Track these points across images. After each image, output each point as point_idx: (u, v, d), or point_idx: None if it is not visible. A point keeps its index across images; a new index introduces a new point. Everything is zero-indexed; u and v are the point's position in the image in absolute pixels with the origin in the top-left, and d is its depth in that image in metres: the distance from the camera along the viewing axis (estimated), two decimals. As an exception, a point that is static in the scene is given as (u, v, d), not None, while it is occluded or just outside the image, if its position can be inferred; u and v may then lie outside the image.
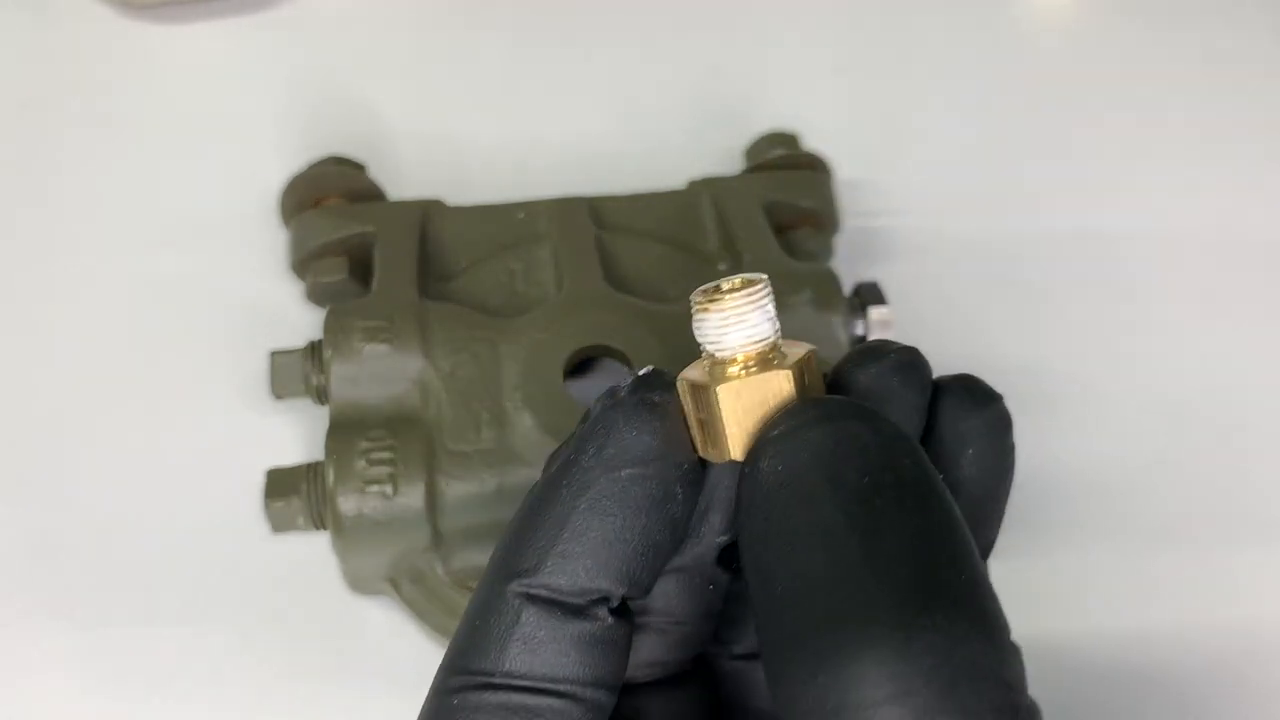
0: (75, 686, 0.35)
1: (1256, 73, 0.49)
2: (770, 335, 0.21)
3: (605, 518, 0.20)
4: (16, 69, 0.46)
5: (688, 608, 0.23)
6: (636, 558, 0.20)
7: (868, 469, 0.18)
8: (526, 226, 0.39)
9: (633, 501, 0.20)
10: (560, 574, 0.20)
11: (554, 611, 0.20)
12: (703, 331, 0.21)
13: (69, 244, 0.42)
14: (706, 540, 0.22)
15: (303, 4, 0.48)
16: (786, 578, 0.18)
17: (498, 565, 0.21)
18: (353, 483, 0.32)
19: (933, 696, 0.16)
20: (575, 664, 0.20)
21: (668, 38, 0.48)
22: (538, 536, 0.20)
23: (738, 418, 0.20)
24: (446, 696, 0.21)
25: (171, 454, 0.38)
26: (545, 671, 0.20)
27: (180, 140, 0.45)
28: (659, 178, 0.41)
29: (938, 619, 0.17)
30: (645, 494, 0.20)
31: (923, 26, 0.49)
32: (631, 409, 0.21)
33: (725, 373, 0.20)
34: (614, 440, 0.20)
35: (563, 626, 0.20)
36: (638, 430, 0.20)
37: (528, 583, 0.20)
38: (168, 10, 0.47)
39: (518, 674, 0.20)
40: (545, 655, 0.20)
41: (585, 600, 0.20)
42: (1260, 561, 0.38)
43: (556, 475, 0.21)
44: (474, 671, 0.20)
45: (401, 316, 0.34)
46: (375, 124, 0.45)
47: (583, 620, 0.20)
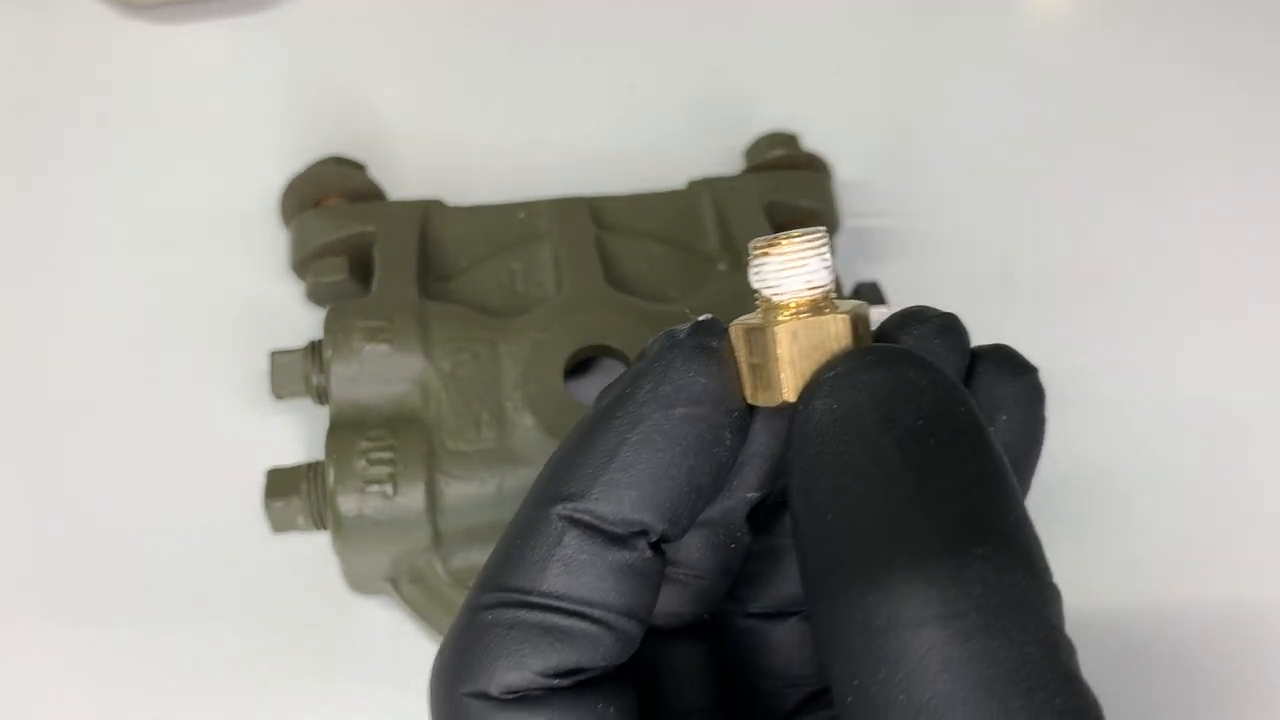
0: (76, 685, 0.35)
1: (1259, 73, 0.49)
2: (827, 283, 0.21)
3: (656, 452, 0.20)
4: (16, 68, 0.46)
5: (709, 562, 0.24)
6: (681, 496, 0.21)
7: (922, 412, 0.19)
8: (527, 226, 0.39)
9: (683, 440, 0.21)
10: (606, 501, 0.20)
11: (596, 538, 0.20)
12: (761, 276, 0.21)
13: (69, 243, 0.43)
14: (737, 495, 0.23)
15: (303, 4, 0.48)
16: (839, 508, 0.18)
17: (542, 488, 0.21)
18: (353, 482, 0.32)
19: (980, 619, 0.17)
20: (612, 591, 0.20)
21: (668, 38, 0.48)
22: (587, 463, 0.21)
23: (793, 359, 0.20)
24: (480, 613, 0.21)
25: (172, 454, 0.38)
26: (582, 595, 0.20)
27: (180, 140, 0.45)
28: (659, 178, 0.41)
29: (988, 550, 0.17)
30: (696, 434, 0.21)
31: (923, 27, 0.49)
32: (690, 350, 0.21)
33: (782, 316, 0.21)
34: (671, 378, 0.21)
35: (603, 553, 0.20)
36: (694, 371, 0.21)
37: (573, 507, 0.20)
38: (168, 10, 0.47)
39: (555, 594, 0.20)
40: (584, 579, 0.20)
41: (627, 531, 0.21)
42: (1261, 561, 0.38)
43: (610, 407, 0.21)
44: (511, 589, 0.21)
45: (402, 316, 0.34)
46: (375, 124, 0.45)
47: (623, 549, 0.21)
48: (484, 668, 0.20)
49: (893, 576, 0.17)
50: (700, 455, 0.21)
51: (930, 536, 0.17)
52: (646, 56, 0.48)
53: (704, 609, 0.24)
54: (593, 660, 0.20)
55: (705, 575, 0.24)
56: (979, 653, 0.17)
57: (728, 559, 0.24)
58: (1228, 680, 0.36)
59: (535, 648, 0.20)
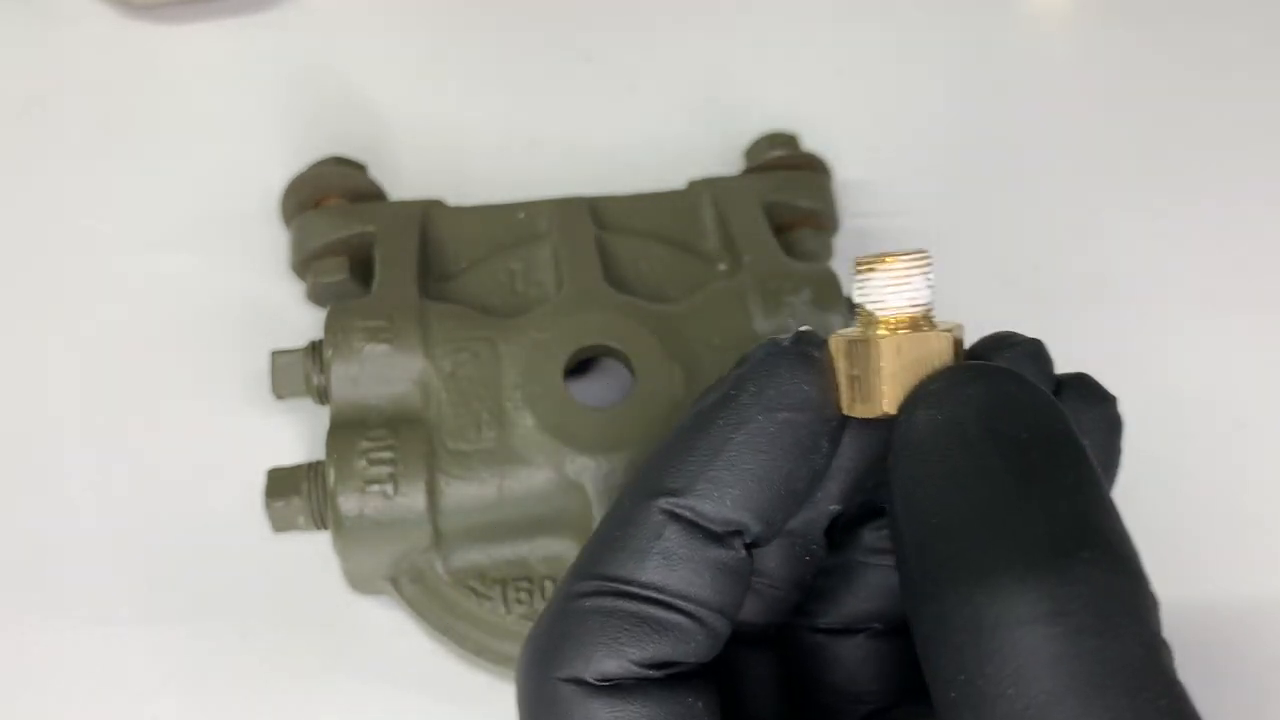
0: (78, 685, 0.35)
1: (1257, 73, 0.49)
2: (929, 302, 0.22)
3: (759, 454, 0.21)
4: (18, 68, 0.46)
5: (784, 572, 0.24)
6: (778, 500, 0.21)
7: (1024, 425, 0.19)
8: (527, 226, 0.39)
9: (784, 445, 0.21)
10: (708, 499, 0.21)
11: (695, 533, 0.21)
12: (865, 291, 0.22)
13: (70, 243, 0.43)
14: (820, 507, 0.23)
15: (304, 4, 0.48)
16: (944, 513, 0.19)
17: (643, 482, 0.22)
18: (353, 482, 0.32)
19: (1088, 619, 0.17)
20: (708, 587, 0.21)
21: (667, 39, 0.48)
22: (690, 460, 0.21)
23: (895, 372, 0.21)
24: (578, 600, 0.21)
25: (172, 454, 0.39)
26: (680, 588, 0.21)
27: (181, 140, 0.45)
28: (659, 178, 0.41)
29: (1094, 554, 0.18)
30: (796, 440, 0.21)
31: (922, 28, 0.49)
32: (794, 358, 0.22)
33: (884, 331, 0.21)
34: (775, 384, 0.21)
35: (702, 549, 0.21)
36: (798, 378, 0.21)
37: (675, 501, 0.21)
38: (169, 10, 0.47)
39: (654, 585, 0.21)
40: (682, 573, 0.21)
41: (725, 529, 0.21)
42: (1260, 561, 0.38)
43: (713, 408, 0.22)
44: (609, 578, 0.21)
45: (402, 316, 0.35)
46: (376, 124, 0.45)
47: (720, 547, 0.21)
48: (580, 654, 0.21)
49: (1002, 576, 0.18)
50: (798, 461, 0.21)
51: (1037, 539, 0.18)
52: (646, 57, 0.48)
53: (775, 620, 0.25)
54: (685, 654, 0.21)
55: (779, 586, 0.24)
56: (1087, 651, 0.17)
57: (802, 571, 0.24)
58: (1226, 678, 0.36)
59: (632, 637, 0.21)
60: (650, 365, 0.34)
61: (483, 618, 0.33)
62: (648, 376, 0.34)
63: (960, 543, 0.18)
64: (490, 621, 0.33)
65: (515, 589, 0.34)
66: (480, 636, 0.34)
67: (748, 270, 0.36)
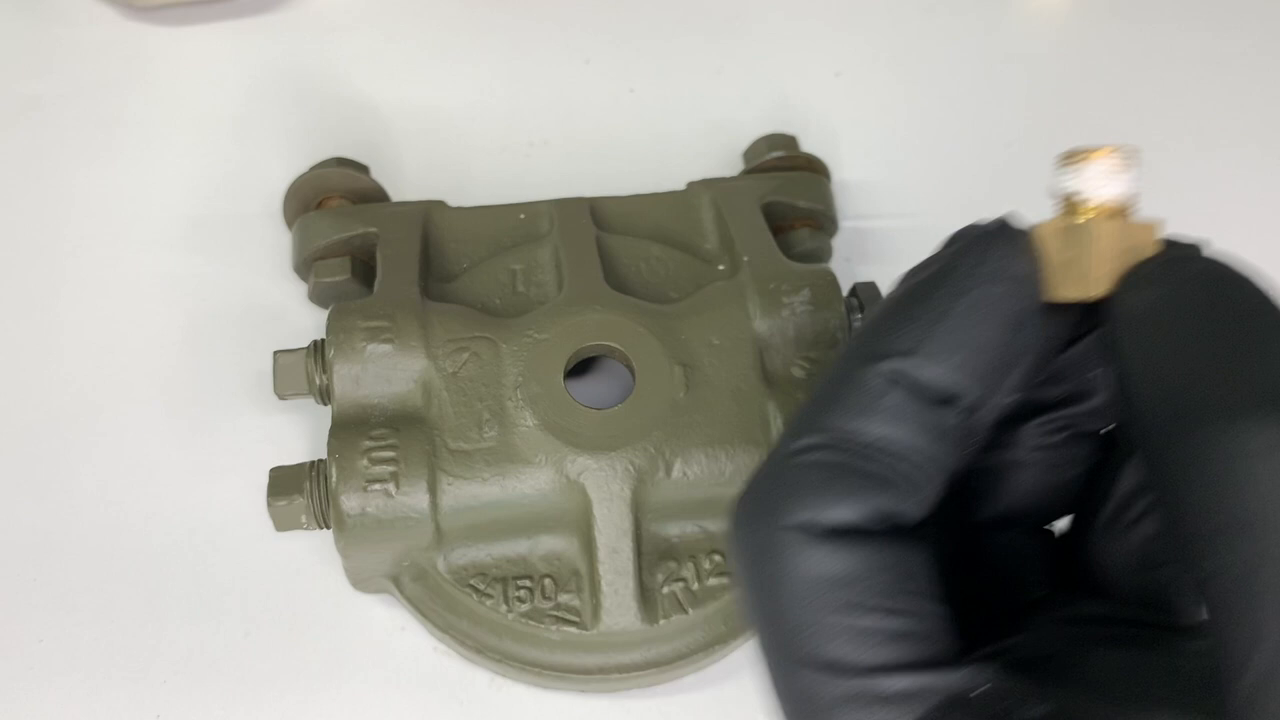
0: (80, 683, 0.35)
1: (1255, 74, 0.50)
2: (1136, 195, 0.23)
3: (979, 324, 0.22)
4: (20, 69, 0.47)
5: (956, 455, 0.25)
6: (993, 370, 0.22)
7: (1245, 297, 0.21)
8: (527, 227, 0.39)
9: (1001, 316, 0.22)
10: (929, 363, 0.22)
11: (916, 395, 0.21)
12: (1078, 181, 0.23)
13: (72, 244, 0.43)
14: (998, 396, 0.24)
15: (306, 6, 0.48)
16: (1180, 368, 0.20)
17: (863, 346, 0.22)
18: (355, 481, 0.32)
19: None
20: (927, 448, 0.22)
21: (667, 40, 0.49)
22: (912, 327, 0.22)
23: (1112, 256, 0.22)
24: (800, 454, 0.22)
25: (175, 453, 0.39)
26: (903, 446, 0.21)
27: (183, 142, 0.45)
28: (658, 179, 0.41)
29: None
30: (1010, 315, 0.22)
31: (921, 29, 0.49)
32: (1009, 236, 0.23)
33: (1099, 216, 0.22)
34: (993, 257, 0.22)
35: (922, 411, 0.22)
36: (1015, 254, 0.22)
37: (896, 364, 0.21)
38: (171, 12, 0.48)
39: (878, 441, 0.21)
40: (905, 431, 0.21)
41: (945, 394, 0.22)
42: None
43: (931, 280, 0.22)
44: (831, 430, 0.22)
45: (404, 316, 0.35)
46: (378, 125, 0.46)
47: (940, 409, 0.22)
48: (806, 503, 0.21)
49: (1254, 410, 0.19)
50: (1012, 334, 0.22)
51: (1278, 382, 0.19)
52: (646, 58, 0.48)
53: (931, 508, 0.25)
54: (905, 510, 0.21)
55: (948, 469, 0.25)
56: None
57: (967, 458, 0.24)
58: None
59: (856, 488, 0.21)
60: (650, 365, 0.35)
61: (484, 616, 0.34)
62: (648, 376, 0.34)
63: (1203, 390, 0.20)
64: (491, 620, 0.34)
65: (516, 587, 0.34)
66: (481, 635, 0.34)
67: (747, 271, 0.36)
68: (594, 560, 0.33)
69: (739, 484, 0.33)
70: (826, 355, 0.35)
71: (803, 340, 0.35)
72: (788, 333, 0.35)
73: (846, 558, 0.21)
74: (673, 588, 0.34)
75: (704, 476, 0.33)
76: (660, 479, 0.33)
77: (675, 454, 0.33)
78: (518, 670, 0.34)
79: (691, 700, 0.35)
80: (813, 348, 0.35)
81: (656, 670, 0.34)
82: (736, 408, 0.34)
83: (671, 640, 0.34)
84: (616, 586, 0.33)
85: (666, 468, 0.33)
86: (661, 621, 0.33)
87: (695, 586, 0.34)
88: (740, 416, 0.34)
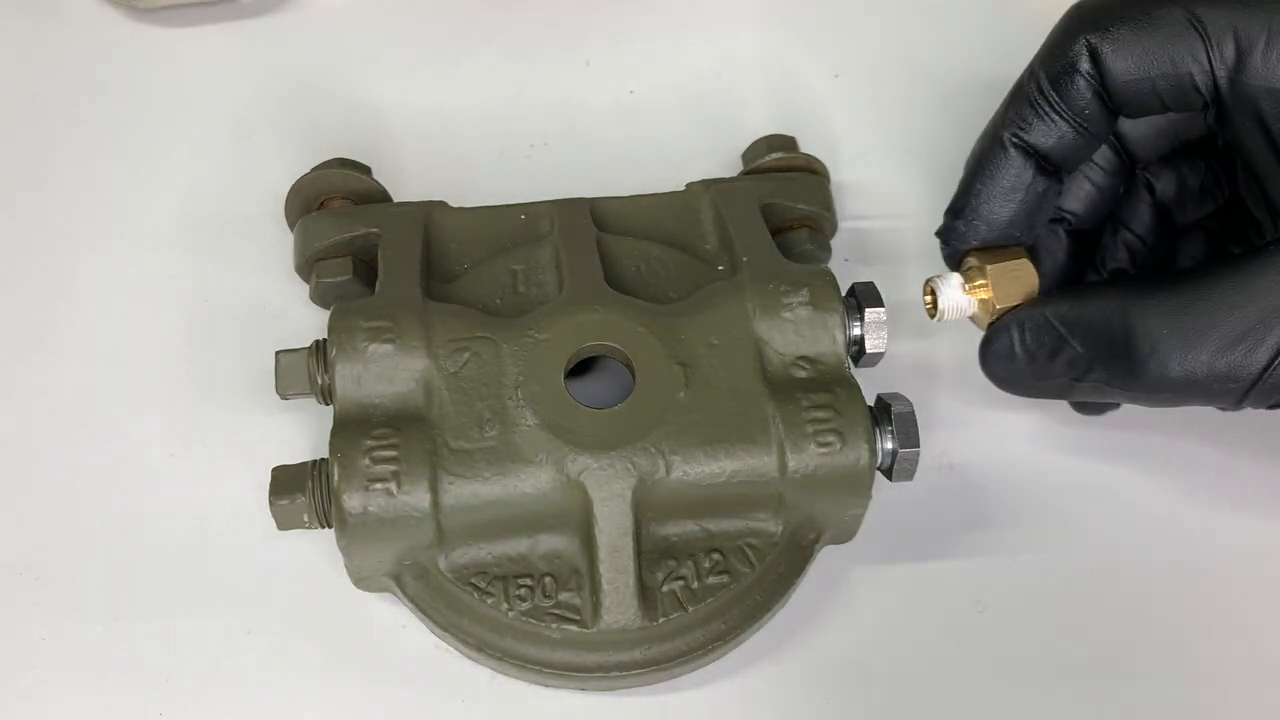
0: (81, 682, 0.35)
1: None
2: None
3: None
4: (23, 71, 0.47)
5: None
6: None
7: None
8: (528, 228, 0.40)
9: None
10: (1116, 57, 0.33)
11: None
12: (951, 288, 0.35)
13: (75, 245, 0.43)
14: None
15: (308, 7, 0.49)
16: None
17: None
18: (357, 480, 0.33)
19: None
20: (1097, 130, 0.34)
21: (667, 41, 0.49)
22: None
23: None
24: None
25: (178, 452, 0.39)
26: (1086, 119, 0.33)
27: (185, 143, 0.45)
28: (658, 180, 0.42)
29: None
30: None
31: (920, 30, 0.49)
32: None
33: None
34: None
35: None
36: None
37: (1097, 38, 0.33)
38: (174, 13, 0.48)
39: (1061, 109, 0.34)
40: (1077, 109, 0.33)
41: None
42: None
43: None
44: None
45: (405, 316, 0.35)
46: (380, 126, 0.46)
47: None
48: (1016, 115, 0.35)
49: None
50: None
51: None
52: (646, 60, 0.48)
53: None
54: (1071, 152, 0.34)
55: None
56: None
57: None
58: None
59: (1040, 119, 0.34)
60: (650, 365, 0.35)
61: (485, 614, 0.34)
62: (648, 376, 0.35)
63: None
64: (492, 618, 0.34)
65: (517, 586, 0.34)
66: (482, 633, 0.34)
67: (746, 271, 0.37)
68: (594, 559, 0.33)
69: (739, 483, 0.34)
70: (825, 355, 0.35)
71: (802, 340, 0.35)
72: (787, 332, 0.35)
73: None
74: (672, 586, 0.34)
75: (704, 476, 0.34)
76: (660, 478, 0.33)
77: (675, 453, 0.33)
78: (518, 668, 0.34)
79: (691, 699, 0.35)
80: (812, 347, 0.35)
81: (656, 669, 0.34)
82: (736, 407, 0.34)
83: (671, 639, 0.34)
84: (617, 585, 0.33)
85: (667, 467, 0.33)
86: (661, 620, 0.34)
87: (695, 585, 0.34)
88: (740, 416, 0.34)
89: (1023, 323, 0.34)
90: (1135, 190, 0.38)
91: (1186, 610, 0.37)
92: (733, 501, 0.34)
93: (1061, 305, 0.34)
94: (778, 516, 0.35)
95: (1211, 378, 0.31)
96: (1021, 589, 0.38)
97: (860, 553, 0.37)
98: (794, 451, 0.33)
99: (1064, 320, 0.33)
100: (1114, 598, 0.37)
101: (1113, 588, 0.38)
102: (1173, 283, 0.32)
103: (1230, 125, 0.33)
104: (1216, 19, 0.31)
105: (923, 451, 0.34)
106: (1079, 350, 0.33)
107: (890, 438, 0.34)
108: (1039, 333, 0.34)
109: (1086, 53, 0.33)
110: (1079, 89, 0.33)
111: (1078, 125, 0.34)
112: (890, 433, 0.34)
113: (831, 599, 0.37)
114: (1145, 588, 0.38)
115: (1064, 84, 0.33)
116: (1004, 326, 0.35)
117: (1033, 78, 0.34)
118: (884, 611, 0.37)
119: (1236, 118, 0.32)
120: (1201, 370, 0.31)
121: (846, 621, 0.37)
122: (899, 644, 0.37)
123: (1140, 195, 0.38)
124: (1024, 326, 0.34)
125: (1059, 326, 0.33)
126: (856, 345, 0.36)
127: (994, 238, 0.35)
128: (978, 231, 0.35)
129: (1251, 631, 0.37)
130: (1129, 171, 0.37)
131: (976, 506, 0.39)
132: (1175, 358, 0.31)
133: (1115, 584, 0.38)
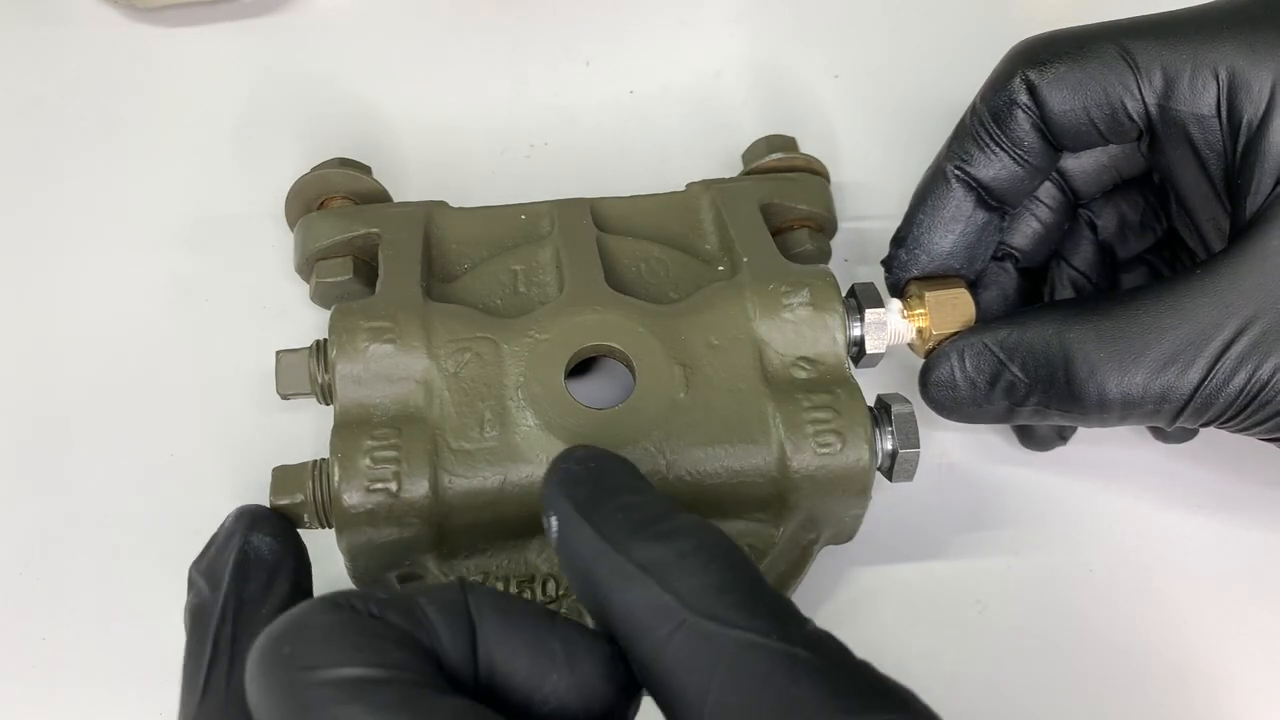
0: (81, 682, 0.35)
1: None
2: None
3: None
4: (24, 71, 0.47)
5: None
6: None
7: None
8: (529, 228, 0.40)
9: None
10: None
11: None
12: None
13: (75, 244, 0.43)
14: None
15: (308, 7, 0.49)
16: None
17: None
18: (358, 480, 0.33)
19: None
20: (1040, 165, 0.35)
21: (667, 41, 0.49)
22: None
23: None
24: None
25: (178, 452, 0.39)
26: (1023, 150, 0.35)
27: (186, 142, 0.45)
28: (658, 180, 0.42)
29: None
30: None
31: (920, 31, 0.49)
32: None
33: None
34: None
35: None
36: None
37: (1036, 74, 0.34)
38: (174, 13, 0.48)
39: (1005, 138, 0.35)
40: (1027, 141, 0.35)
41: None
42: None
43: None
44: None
45: (405, 316, 0.35)
46: (380, 126, 0.46)
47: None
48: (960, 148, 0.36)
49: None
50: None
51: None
52: (646, 60, 0.48)
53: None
54: (1012, 185, 0.36)
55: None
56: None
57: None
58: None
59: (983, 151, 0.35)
60: (650, 365, 0.35)
61: (485, 614, 0.34)
62: (648, 376, 0.35)
63: None
64: (492, 618, 0.34)
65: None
66: (483, 633, 0.34)
67: (746, 271, 0.37)
68: (595, 559, 0.33)
69: (739, 484, 0.34)
70: (826, 356, 0.35)
71: (802, 340, 0.35)
72: (787, 333, 0.35)
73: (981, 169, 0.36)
74: (673, 586, 0.34)
75: (704, 476, 0.34)
76: (660, 478, 0.33)
77: (675, 453, 0.33)
78: (519, 668, 0.34)
79: (691, 698, 0.35)
80: (812, 348, 0.35)
81: (656, 668, 0.34)
82: (736, 408, 0.34)
83: (671, 638, 0.34)
84: (617, 585, 0.33)
85: (667, 467, 0.33)
86: (662, 620, 0.34)
87: (695, 585, 0.34)
88: (740, 416, 0.34)
89: (962, 350, 0.35)
90: (1078, 227, 0.39)
91: (1186, 610, 0.37)
92: (733, 502, 0.34)
93: (1000, 331, 0.35)
94: (778, 517, 0.35)
95: (1147, 398, 0.32)
96: (1021, 589, 0.38)
97: (860, 553, 0.37)
98: (794, 452, 0.34)
99: (1003, 346, 0.34)
100: (1114, 598, 0.38)
101: (1113, 588, 0.38)
102: (1108, 307, 0.33)
103: (1162, 153, 0.34)
104: (1145, 51, 0.33)
105: (923, 451, 0.34)
106: (1018, 375, 0.34)
107: (890, 438, 0.34)
108: (978, 359, 0.35)
109: (1025, 87, 0.34)
110: (1018, 122, 0.34)
111: (1018, 158, 0.35)
112: (890, 433, 0.34)
113: (831, 599, 0.37)
114: (1145, 588, 0.38)
115: (1004, 117, 0.34)
116: (944, 353, 0.35)
117: (975, 113, 0.35)
118: (884, 611, 0.37)
119: (1168, 145, 0.33)
120: (1137, 391, 0.32)
121: (846, 622, 0.37)
122: (899, 644, 0.37)
123: (1083, 232, 0.39)
124: (963, 353, 0.35)
125: (998, 352, 0.34)
126: (857, 345, 0.36)
127: (934, 268, 0.36)
128: (919, 260, 0.36)
129: (1251, 632, 0.37)
130: (1073, 208, 0.38)
131: (976, 506, 0.39)
132: (1113, 379, 0.32)
133: (1115, 584, 0.38)
